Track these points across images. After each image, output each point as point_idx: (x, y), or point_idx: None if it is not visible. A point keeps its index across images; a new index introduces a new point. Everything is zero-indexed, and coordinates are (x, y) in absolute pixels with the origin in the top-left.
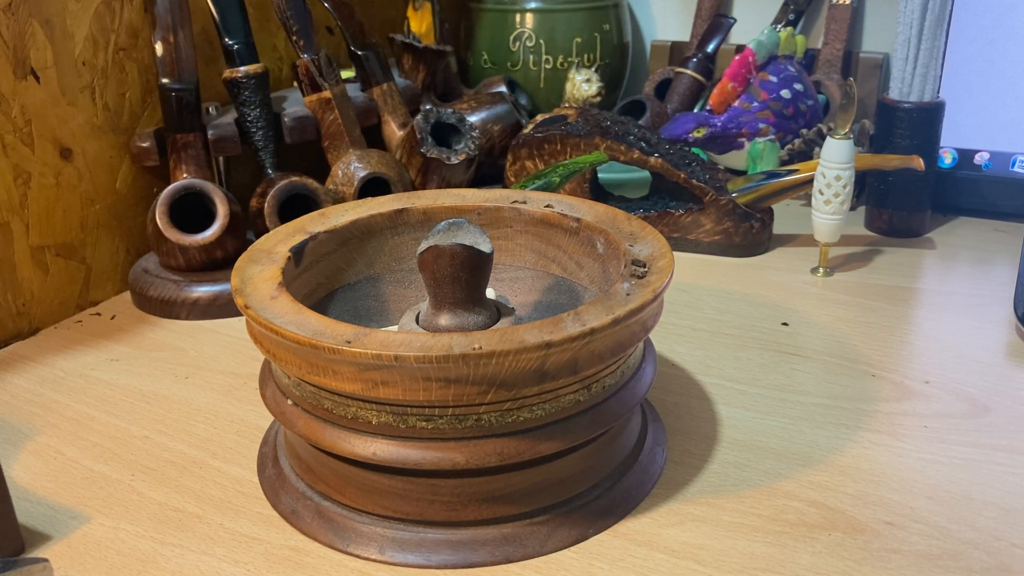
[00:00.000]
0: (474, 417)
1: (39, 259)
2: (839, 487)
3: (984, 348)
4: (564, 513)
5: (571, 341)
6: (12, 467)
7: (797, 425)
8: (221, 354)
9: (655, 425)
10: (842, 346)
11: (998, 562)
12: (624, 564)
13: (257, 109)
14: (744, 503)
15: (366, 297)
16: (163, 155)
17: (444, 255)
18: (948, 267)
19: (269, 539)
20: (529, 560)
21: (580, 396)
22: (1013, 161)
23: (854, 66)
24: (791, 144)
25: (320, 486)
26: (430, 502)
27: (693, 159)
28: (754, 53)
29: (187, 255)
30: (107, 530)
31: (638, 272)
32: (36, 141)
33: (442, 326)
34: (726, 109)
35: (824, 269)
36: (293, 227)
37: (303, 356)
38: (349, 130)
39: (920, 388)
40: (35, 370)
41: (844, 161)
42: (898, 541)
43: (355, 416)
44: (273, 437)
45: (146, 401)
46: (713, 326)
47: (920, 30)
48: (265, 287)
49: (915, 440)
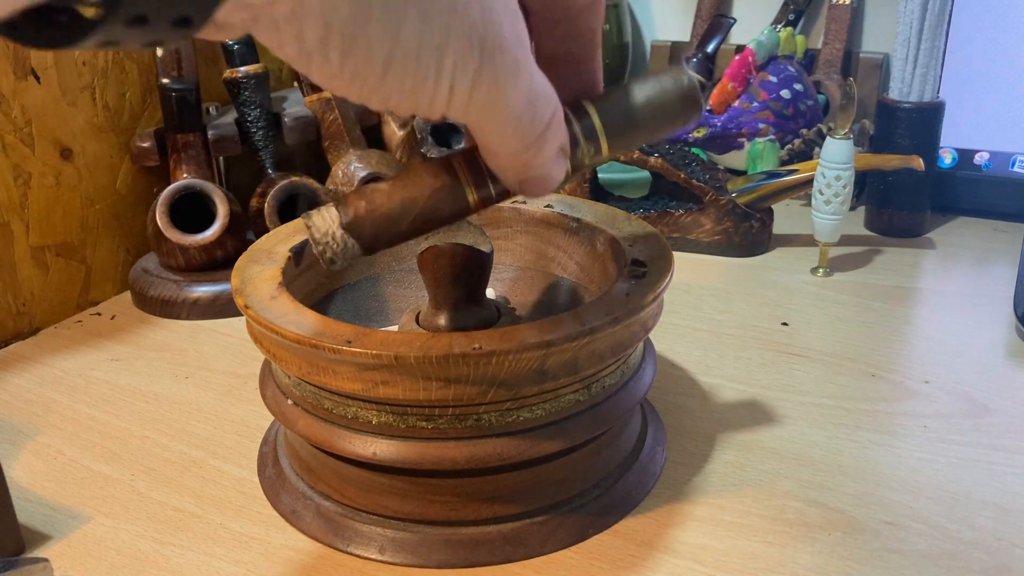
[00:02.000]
0: (474, 417)
1: (39, 259)
2: (839, 487)
3: (984, 348)
4: (564, 513)
5: (571, 341)
6: (12, 467)
7: (797, 425)
8: (221, 354)
9: (655, 425)
10: (842, 346)
11: (998, 562)
12: (624, 564)
13: (257, 109)
14: (744, 503)
15: (366, 297)
16: (163, 155)
17: (444, 255)
18: (948, 267)
19: (269, 539)
20: (529, 560)
21: (580, 396)
22: (1013, 161)
23: (854, 66)
24: (791, 144)
25: (320, 486)
26: (430, 502)
27: (693, 159)
28: (754, 53)
29: (187, 255)
30: (107, 530)
31: (638, 272)
32: (36, 141)
33: (442, 326)
34: (726, 109)
35: (824, 269)
36: (293, 227)
37: (303, 356)
38: (349, 130)
39: (920, 388)
40: (35, 370)
41: (844, 161)
42: (898, 541)
43: (355, 416)
44: (273, 437)
45: (146, 401)
46: (713, 326)
47: (920, 30)
48: (265, 287)
49: (915, 440)
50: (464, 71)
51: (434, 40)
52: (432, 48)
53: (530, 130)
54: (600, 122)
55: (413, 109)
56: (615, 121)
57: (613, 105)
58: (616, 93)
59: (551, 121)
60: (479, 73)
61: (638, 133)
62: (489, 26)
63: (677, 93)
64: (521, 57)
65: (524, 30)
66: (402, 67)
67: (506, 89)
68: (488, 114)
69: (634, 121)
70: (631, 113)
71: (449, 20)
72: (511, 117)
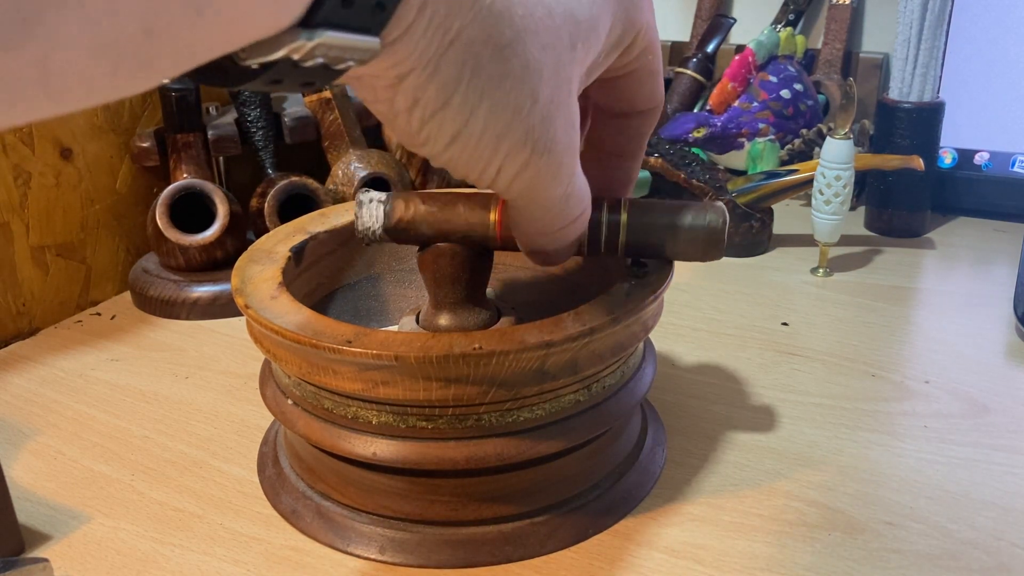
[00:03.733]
0: (474, 417)
1: (39, 259)
2: (839, 487)
3: (984, 348)
4: (564, 513)
5: (571, 341)
6: (12, 467)
7: (797, 425)
8: (221, 354)
9: (655, 425)
10: (842, 346)
11: (998, 562)
12: (624, 564)
13: (257, 109)
14: (744, 503)
15: (366, 297)
16: (163, 155)
17: (444, 255)
18: (948, 267)
19: (269, 539)
20: (529, 560)
21: (580, 396)
22: (1013, 161)
23: (854, 66)
24: (791, 144)
25: (320, 486)
26: (430, 502)
27: (693, 159)
28: (754, 53)
29: (187, 255)
30: (107, 530)
31: (638, 272)
32: (36, 141)
33: (442, 326)
34: (726, 109)
35: (824, 269)
36: (293, 227)
37: (303, 356)
38: (349, 130)
39: (920, 388)
40: (35, 370)
41: (844, 161)
42: (898, 541)
43: (355, 416)
44: (273, 437)
45: (146, 401)
46: (713, 326)
47: (920, 30)
48: (265, 287)
49: (915, 440)
50: (514, 160)
51: (496, 131)
52: (493, 137)
53: (557, 221)
54: (626, 222)
55: (465, 176)
56: (638, 227)
57: (644, 214)
58: (652, 206)
59: (578, 219)
60: (526, 165)
61: (652, 248)
62: (545, 132)
63: (703, 232)
64: (566, 161)
65: (576, 140)
66: (464, 144)
67: (545, 183)
68: (526, 199)
69: (655, 236)
70: (654, 229)
71: (512, 119)
72: (544, 207)
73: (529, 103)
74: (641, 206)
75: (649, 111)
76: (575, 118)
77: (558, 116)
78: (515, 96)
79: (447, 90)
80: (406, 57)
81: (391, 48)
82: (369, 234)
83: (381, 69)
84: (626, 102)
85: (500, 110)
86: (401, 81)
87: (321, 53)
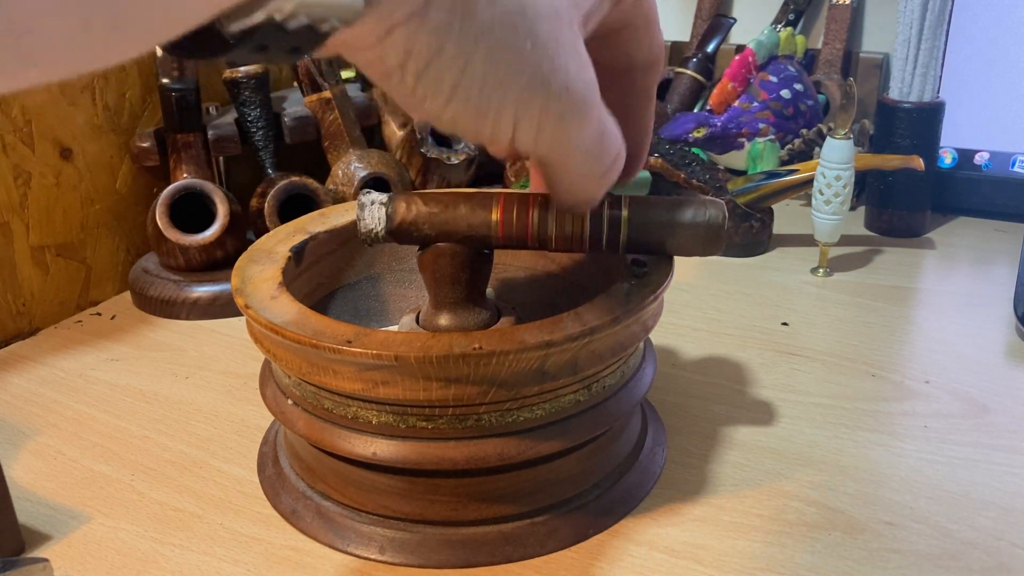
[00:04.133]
0: (474, 417)
1: (39, 259)
2: (839, 487)
3: (984, 348)
4: (564, 513)
5: (571, 341)
6: (12, 467)
7: (797, 425)
8: (221, 354)
9: (655, 425)
10: (842, 346)
11: (998, 562)
12: (624, 564)
13: (257, 109)
14: (744, 503)
15: (366, 297)
16: (163, 155)
17: (444, 255)
18: (948, 267)
19: (269, 539)
20: (529, 560)
21: (580, 396)
22: (1013, 161)
23: (854, 66)
24: (791, 144)
25: (320, 486)
26: (430, 502)
27: (693, 159)
28: (754, 53)
29: (187, 255)
30: (107, 530)
31: (638, 272)
32: (36, 141)
33: (442, 326)
34: (726, 109)
35: (824, 269)
36: (293, 227)
37: (303, 356)
38: (349, 130)
39: (920, 388)
40: (35, 370)
41: (844, 161)
42: (898, 541)
43: (355, 416)
44: (273, 437)
45: (146, 401)
46: (713, 326)
47: (920, 30)
48: (265, 287)
49: (915, 440)
50: (528, 107)
51: (498, 77)
52: (495, 84)
53: (601, 163)
54: (627, 218)
55: (477, 136)
56: (639, 223)
57: (645, 210)
58: (653, 202)
59: (617, 156)
60: (545, 110)
61: (653, 244)
62: (555, 71)
63: (704, 227)
64: (589, 98)
65: (592, 74)
66: (465, 97)
67: (575, 125)
68: (560, 150)
69: (656, 232)
70: (655, 225)
71: (514, 62)
72: (582, 150)
73: (528, 44)
74: (641, 202)
75: (650, 64)
76: (585, 56)
77: (564, 54)
78: (511, 38)
79: (438, 37)
80: (392, 11)
81: (376, 4)
82: (372, 236)
83: (368, 29)
84: (625, 56)
85: (498, 53)
86: (390, 35)
87: (304, 11)
